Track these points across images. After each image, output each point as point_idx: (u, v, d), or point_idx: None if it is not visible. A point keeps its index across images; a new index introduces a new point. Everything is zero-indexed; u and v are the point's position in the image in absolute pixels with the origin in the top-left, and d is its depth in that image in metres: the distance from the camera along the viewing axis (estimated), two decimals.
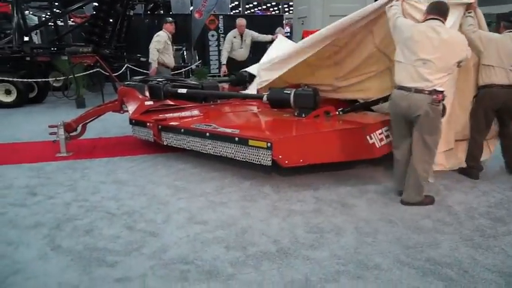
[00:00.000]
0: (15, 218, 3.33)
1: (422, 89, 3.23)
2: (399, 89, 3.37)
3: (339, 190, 3.83)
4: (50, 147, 5.26)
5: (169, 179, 4.22)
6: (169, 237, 2.95)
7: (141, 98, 5.36)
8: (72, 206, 3.56)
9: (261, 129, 4.45)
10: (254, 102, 5.65)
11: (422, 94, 3.23)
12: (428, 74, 3.21)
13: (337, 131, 4.04)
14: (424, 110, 3.23)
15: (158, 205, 3.54)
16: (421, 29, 3.27)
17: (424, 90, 3.22)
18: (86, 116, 5.50)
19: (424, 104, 3.23)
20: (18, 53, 9.82)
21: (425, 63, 3.21)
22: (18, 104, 9.25)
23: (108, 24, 10.61)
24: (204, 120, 4.66)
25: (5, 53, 9.71)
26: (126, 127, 5.48)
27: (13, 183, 4.17)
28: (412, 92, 3.26)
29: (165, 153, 5.10)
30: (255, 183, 4.02)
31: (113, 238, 2.95)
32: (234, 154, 4.02)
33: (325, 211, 3.37)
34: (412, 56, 3.26)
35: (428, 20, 3.32)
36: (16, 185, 4.10)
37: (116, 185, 4.05)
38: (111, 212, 3.42)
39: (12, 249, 2.82)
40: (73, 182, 4.18)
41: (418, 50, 3.23)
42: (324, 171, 4.26)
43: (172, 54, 7.61)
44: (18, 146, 5.78)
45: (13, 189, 3.98)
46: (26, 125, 7.32)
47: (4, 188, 4.02)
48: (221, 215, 3.31)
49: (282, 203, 3.55)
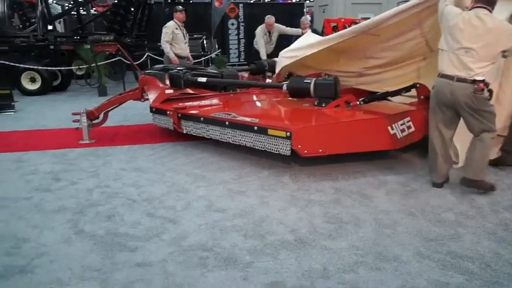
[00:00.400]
0: (40, 202, 3.43)
1: (464, 78, 3.20)
2: (442, 77, 3.36)
3: (359, 181, 3.79)
4: (73, 134, 5.37)
5: (188, 167, 4.26)
6: (189, 224, 2.99)
7: (161, 86, 5.41)
8: (94, 191, 3.64)
9: (281, 119, 4.43)
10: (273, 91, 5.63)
11: (464, 83, 3.20)
12: (471, 62, 3.17)
13: (358, 121, 4.00)
14: (467, 99, 3.22)
15: (178, 192, 3.58)
16: (466, 17, 3.21)
17: (466, 79, 3.19)
18: (108, 104, 5.58)
19: (466, 93, 3.21)
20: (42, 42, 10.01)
21: (468, 51, 3.17)
22: (42, 91, 9.46)
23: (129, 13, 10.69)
24: (223, 109, 4.66)
25: (30, 41, 9.91)
26: (146, 115, 5.55)
27: (38, 168, 4.28)
28: (454, 80, 3.25)
29: (184, 141, 5.14)
30: (274, 173, 4.02)
31: (133, 224, 3.01)
32: (253, 143, 4.02)
33: (344, 202, 3.35)
34: (455, 44, 3.23)
35: (475, 8, 3.25)
36: (41, 171, 4.21)
37: (137, 172, 4.11)
38: (132, 198, 3.48)
39: (38, 232, 2.91)
40: (95, 168, 4.26)
41: (462, 38, 3.19)
42: (343, 161, 4.22)
43: (184, 42, 7.42)
44: (43, 133, 5.93)
45: (38, 175, 4.09)
46: (50, 112, 7.49)
47: (30, 174, 4.13)
48: (239, 204, 3.33)
49: (301, 193, 3.54)
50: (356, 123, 3.94)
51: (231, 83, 5.69)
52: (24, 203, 3.43)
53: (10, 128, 6.27)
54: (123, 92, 6.42)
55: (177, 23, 7.32)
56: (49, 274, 2.41)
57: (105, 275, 2.40)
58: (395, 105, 4.65)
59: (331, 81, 4.48)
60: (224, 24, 14.00)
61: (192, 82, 5.43)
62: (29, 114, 7.34)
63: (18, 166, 4.39)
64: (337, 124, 3.95)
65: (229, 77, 5.70)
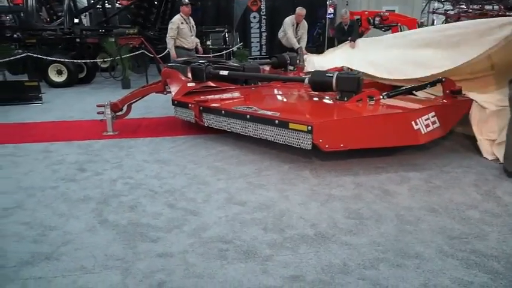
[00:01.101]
0: (66, 192, 3.51)
1: None
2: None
3: (380, 176, 3.74)
4: (98, 125, 5.47)
5: (209, 160, 4.28)
6: (209, 217, 3.01)
7: (183, 79, 5.45)
8: (117, 182, 3.71)
9: (302, 113, 4.40)
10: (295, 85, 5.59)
11: None
12: None
13: (380, 115, 3.94)
14: None
15: (198, 185, 3.61)
16: None
17: None
18: (131, 97, 5.65)
19: None
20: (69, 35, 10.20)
21: None
22: (68, 83, 9.65)
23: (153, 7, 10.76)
24: (244, 102, 4.66)
25: (57, 34, 10.11)
26: (168, 108, 5.60)
27: (64, 159, 4.39)
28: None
29: (205, 134, 5.17)
30: (294, 167, 4.00)
31: (155, 215, 3.05)
32: (273, 137, 4.01)
33: (365, 197, 3.31)
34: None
35: None
36: (67, 161, 4.31)
37: (159, 164, 4.16)
38: (154, 190, 3.53)
39: (64, 221, 2.98)
40: (119, 159, 4.34)
41: None
42: (365, 156, 4.17)
43: (190, 35, 7.37)
44: (69, 124, 6.06)
45: (64, 165, 4.19)
46: (76, 104, 7.65)
47: (57, 163, 4.24)
48: (259, 197, 3.33)
49: (321, 187, 3.52)
50: (378, 118, 3.88)
51: (252, 77, 5.68)
52: (50, 192, 3.52)
53: (38, 119, 6.43)
54: (146, 84, 6.49)
55: (182, 17, 7.29)
56: (74, 262, 2.48)
57: (127, 264, 2.44)
58: (420, 100, 4.56)
59: (354, 75, 4.42)
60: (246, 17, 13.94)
61: (214, 75, 5.44)
62: (56, 105, 7.52)
63: (45, 156, 4.50)
64: (359, 118, 3.90)
65: (251, 70, 5.69)
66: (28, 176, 3.90)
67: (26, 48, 9.72)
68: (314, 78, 4.68)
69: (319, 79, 4.63)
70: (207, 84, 5.42)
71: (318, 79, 4.64)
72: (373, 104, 4.25)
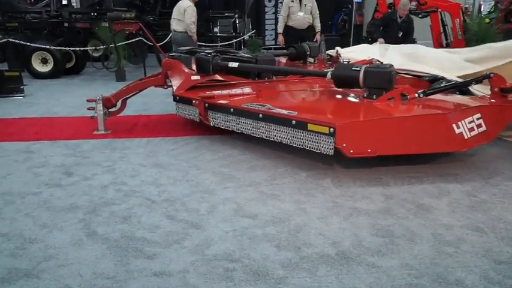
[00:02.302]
0: (50, 199, 3.55)
1: None
2: None
3: (414, 188, 3.71)
4: (87, 123, 5.53)
5: (215, 164, 4.29)
6: (214, 231, 3.01)
7: (187, 71, 5.48)
8: (109, 189, 3.74)
9: (323, 112, 4.39)
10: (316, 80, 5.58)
11: None
12: None
13: (415, 117, 3.92)
14: None
15: (202, 193, 3.62)
16: None
17: None
18: (127, 91, 5.71)
19: None
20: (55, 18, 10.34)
21: None
22: (54, 74, 9.79)
23: None
24: (257, 99, 4.67)
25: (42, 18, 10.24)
26: (169, 104, 5.64)
27: (48, 161, 4.44)
28: None
29: (211, 135, 5.19)
30: (313, 175, 3.99)
31: (152, 227, 3.06)
32: (290, 140, 4.01)
33: (396, 212, 3.28)
34: None
35: None
36: (51, 163, 4.36)
37: (157, 169, 4.19)
38: (150, 198, 3.54)
39: (46, 232, 3.01)
40: (111, 162, 4.37)
41: None
42: (396, 164, 4.14)
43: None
44: (54, 121, 6.14)
45: (48, 168, 4.24)
46: (63, 98, 7.74)
47: (40, 166, 4.29)
48: (272, 209, 3.33)
49: (344, 199, 3.50)
50: (413, 120, 3.86)
51: (266, 70, 5.69)
52: (32, 199, 3.56)
53: (18, 114, 6.53)
54: (144, 77, 6.54)
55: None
56: (57, 280, 2.49)
57: (119, 284, 2.45)
58: (463, 99, 4.52)
59: (385, 68, 4.39)
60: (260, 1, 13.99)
61: (222, 67, 5.46)
62: (40, 99, 7.62)
63: (27, 157, 4.56)
64: (391, 120, 3.88)
65: (265, 62, 5.70)
66: (6, 180, 3.95)
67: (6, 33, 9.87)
68: (338, 72, 4.67)
69: (344, 73, 4.62)
70: (214, 77, 5.44)
71: (342, 73, 4.63)
72: (407, 103, 4.23)
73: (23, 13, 10.26)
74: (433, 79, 5.00)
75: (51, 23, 10.30)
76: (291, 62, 6.86)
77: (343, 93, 4.84)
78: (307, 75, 5.76)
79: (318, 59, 6.94)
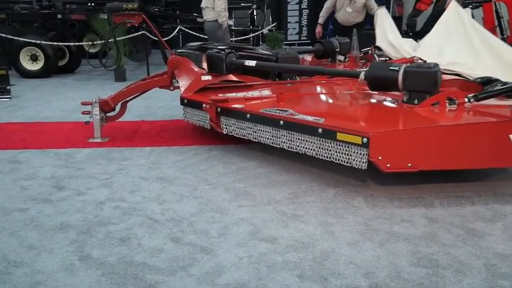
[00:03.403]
0: (38, 216, 3.60)
1: None
2: None
3: (463, 210, 3.67)
4: (82, 129, 5.61)
5: (228, 179, 4.31)
6: (226, 256, 3.02)
7: (196, 71, 5.52)
8: (106, 206, 3.77)
9: (355, 119, 4.38)
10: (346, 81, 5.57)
11: None
12: None
13: (465, 125, 3.87)
14: None
15: (213, 212, 3.63)
16: None
17: None
18: (127, 93, 5.77)
19: None
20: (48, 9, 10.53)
21: None
22: (45, 73, 9.96)
23: None
24: (277, 103, 4.67)
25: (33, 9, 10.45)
26: (175, 108, 5.68)
27: (37, 172, 4.51)
28: None
29: (224, 145, 5.21)
30: (343, 193, 3.98)
31: (154, 251, 3.08)
32: (316, 151, 4.00)
33: (442, 238, 3.25)
34: None
35: None
36: (40, 175, 4.43)
37: (161, 183, 4.22)
38: (153, 217, 3.57)
39: (33, 255, 3.05)
40: (108, 175, 4.42)
41: None
42: (441, 181, 4.10)
43: None
44: (44, 127, 6.24)
45: (37, 181, 4.31)
46: (54, 100, 7.87)
47: (27, 179, 4.36)
48: (294, 232, 3.32)
49: (380, 222, 3.48)
50: (463, 129, 3.81)
51: (288, 69, 5.70)
52: (17, 216, 3.61)
53: (3, 118, 6.66)
54: (147, 77, 6.61)
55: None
56: None
57: None
58: None
59: (429, 68, 4.36)
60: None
61: (237, 66, 5.49)
62: (28, 101, 7.75)
63: (12, 168, 4.64)
64: (435, 129, 3.84)
65: (286, 60, 5.71)
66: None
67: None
68: (373, 73, 4.65)
69: (379, 74, 4.60)
70: (228, 78, 5.47)
71: (378, 74, 4.61)
72: (455, 109, 4.19)
73: (11, 3, 10.47)
74: (485, 81, 4.96)
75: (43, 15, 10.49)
76: (318, 61, 6.87)
77: (378, 97, 4.82)
78: (337, 75, 5.75)
79: (350, 57, 6.94)
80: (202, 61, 5.60)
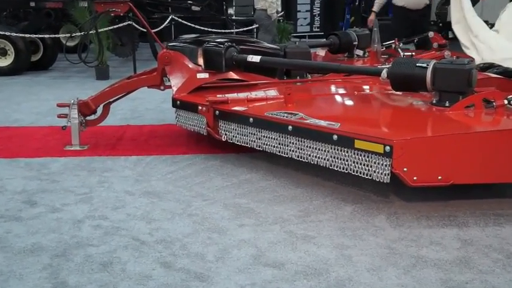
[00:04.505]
0: (6, 237, 3.59)
1: None
2: None
3: (503, 230, 3.65)
4: (57, 135, 5.61)
5: (227, 194, 4.30)
6: (225, 284, 3.01)
7: (191, 68, 5.53)
8: (84, 225, 3.77)
9: (376, 124, 4.38)
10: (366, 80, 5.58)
11: None
12: None
13: (505, 132, 3.87)
14: None
15: (210, 233, 3.62)
16: None
17: None
18: (110, 93, 5.78)
19: None
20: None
21: None
22: (15, 70, 9.98)
23: None
24: (286, 105, 4.68)
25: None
26: (166, 111, 5.68)
27: (5, 185, 4.51)
28: None
29: (223, 154, 5.22)
30: (362, 210, 3.97)
31: (141, 278, 3.07)
32: (330, 161, 4.00)
33: (478, 263, 3.23)
34: None
35: None
36: (9, 189, 4.43)
37: (149, 198, 4.22)
38: (140, 238, 3.56)
39: (0, 282, 3.04)
40: (87, 189, 4.42)
41: None
42: (477, 197, 4.10)
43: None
44: (14, 132, 6.25)
45: (4, 195, 4.31)
46: (25, 101, 7.89)
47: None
48: (305, 256, 3.31)
49: (404, 244, 3.46)
50: (502, 136, 3.81)
51: (298, 66, 5.71)
52: None
53: None
54: (134, 74, 6.63)
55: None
56: None
57: None
58: None
59: (462, 64, 4.36)
60: None
61: (239, 62, 5.50)
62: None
63: None
64: (470, 136, 3.84)
65: (296, 55, 5.73)
66: None
67: None
68: (397, 70, 4.65)
69: (404, 71, 4.59)
70: (228, 76, 5.49)
71: (402, 71, 4.61)
72: (493, 112, 4.19)
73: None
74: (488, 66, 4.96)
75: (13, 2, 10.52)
76: (332, 56, 6.88)
77: (403, 99, 4.81)
78: (355, 73, 5.76)
79: (370, 52, 6.95)
80: (197, 56, 5.61)
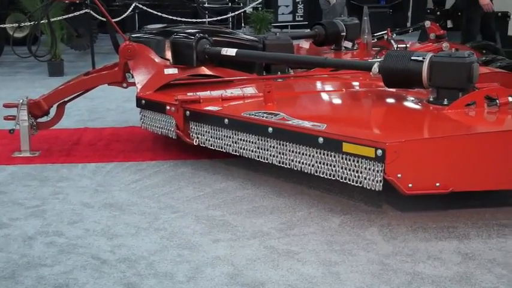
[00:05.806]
0: None
1: None
2: None
3: (508, 243, 3.70)
4: (4, 140, 5.57)
5: (200, 205, 4.31)
6: None
7: (158, 62, 5.53)
8: (36, 242, 3.74)
9: (367, 125, 4.42)
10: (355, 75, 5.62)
11: None
12: None
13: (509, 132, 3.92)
14: None
15: (180, 249, 3.63)
16: None
17: None
18: (65, 91, 5.75)
19: None
20: None
21: None
22: None
23: None
24: (265, 104, 4.70)
25: None
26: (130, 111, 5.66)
27: None
28: None
29: (194, 160, 5.22)
30: (351, 222, 4.00)
31: None
32: (315, 167, 4.03)
33: (480, 279, 3.27)
34: None
35: None
36: None
37: (110, 211, 4.21)
38: (100, 256, 3.55)
39: None
40: (39, 201, 4.40)
41: None
42: (478, 206, 4.15)
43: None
44: None
45: None
46: None
47: None
48: (288, 274, 3.32)
49: (399, 259, 3.49)
50: (506, 137, 3.87)
51: (279, 59, 5.73)
52: None
53: None
54: (92, 70, 6.61)
55: None
56: None
57: None
58: None
59: (462, 57, 4.41)
60: None
61: (212, 56, 5.51)
62: None
63: None
64: (471, 137, 3.89)
65: (277, 47, 5.75)
66: None
67: None
68: (389, 64, 4.68)
69: (398, 66, 4.63)
70: (200, 71, 5.49)
71: (396, 66, 4.65)
72: (496, 110, 4.24)
73: None
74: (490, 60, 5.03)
75: None
76: (318, 48, 6.91)
77: (397, 96, 4.86)
78: (343, 68, 5.79)
79: (359, 44, 6.98)
80: (165, 49, 5.61)
